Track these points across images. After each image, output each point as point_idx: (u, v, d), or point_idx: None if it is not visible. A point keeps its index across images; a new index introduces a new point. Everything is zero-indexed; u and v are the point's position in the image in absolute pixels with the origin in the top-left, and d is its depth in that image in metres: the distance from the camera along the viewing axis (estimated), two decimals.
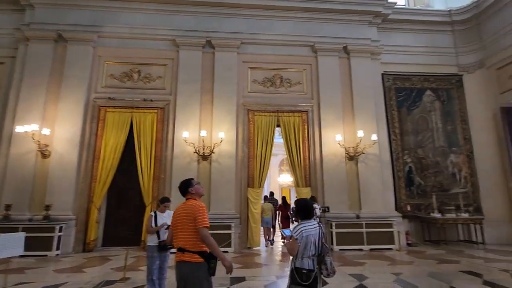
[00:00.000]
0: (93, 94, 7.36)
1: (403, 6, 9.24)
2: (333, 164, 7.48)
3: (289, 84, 7.98)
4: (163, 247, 3.48)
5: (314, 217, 6.89)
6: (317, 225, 2.48)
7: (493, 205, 7.81)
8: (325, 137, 7.63)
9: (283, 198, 8.89)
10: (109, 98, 7.35)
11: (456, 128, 8.38)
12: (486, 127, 8.24)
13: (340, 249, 6.74)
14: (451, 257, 6.03)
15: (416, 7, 9.09)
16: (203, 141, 7.14)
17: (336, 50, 8.10)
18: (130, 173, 7.16)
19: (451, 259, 5.80)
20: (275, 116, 7.72)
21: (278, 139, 8.67)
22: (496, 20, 8.08)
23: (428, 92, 8.54)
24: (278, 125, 7.77)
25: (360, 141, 7.38)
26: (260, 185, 7.42)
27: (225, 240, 6.60)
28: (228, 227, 6.71)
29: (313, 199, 7.00)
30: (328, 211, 7.02)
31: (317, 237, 2.41)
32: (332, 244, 6.84)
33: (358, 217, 7.19)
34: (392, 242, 6.86)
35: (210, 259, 2.26)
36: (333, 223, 6.89)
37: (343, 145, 7.50)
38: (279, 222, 8.49)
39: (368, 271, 4.91)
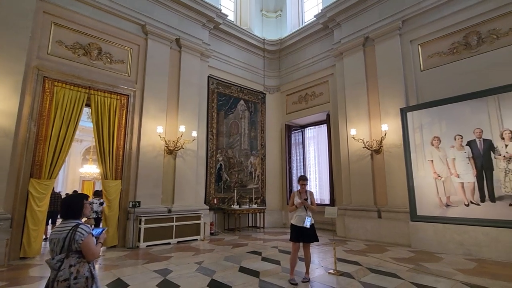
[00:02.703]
0: None
1: (232, 21, 10.36)
2: (151, 156, 7.08)
3: (109, 60, 6.82)
4: None
5: (91, 213, 6.25)
6: (70, 229, 1.96)
7: (272, 197, 10.18)
8: (145, 127, 7.11)
9: (96, 192, 7.58)
10: None
11: (257, 135, 10.28)
12: (275, 137, 10.67)
13: (147, 246, 6.43)
14: (242, 241, 7.22)
15: (241, 27, 10.42)
16: None
17: (169, 40, 7.82)
18: None
19: (242, 243, 6.94)
20: (85, 93, 6.33)
21: (87, 123, 7.21)
22: (289, 58, 10.69)
23: (242, 102, 9.98)
24: (88, 105, 6.45)
25: (181, 136, 7.45)
26: (51, 176, 5.80)
27: None
28: None
29: (97, 193, 6.38)
30: (138, 206, 6.55)
31: (61, 243, 1.94)
32: (139, 241, 6.42)
33: (170, 211, 7.18)
34: (198, 233, 7.35)
35: None
36: (143, 219, 6.48)
37: (164, 138, 7.30)
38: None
39: (173, 264, 4.93)
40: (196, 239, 7.26)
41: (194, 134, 7.81)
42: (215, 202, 8.66)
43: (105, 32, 6.79)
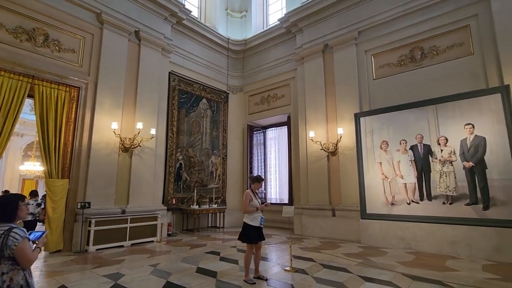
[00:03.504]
0: None
1: (196, 17, 10.15)
2: (103, 154, 6.65)
3: (57, 48, 6.27)
4: None
5: (28, 215, 5.90)
6: (1, 233, 1.82)
7: (232, 197, 10.19)
8: (98, 122, 6.65)
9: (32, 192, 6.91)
10: None
11: (219, 134, 10.21)
12: (238, 137, 10.70)
13: (97, 249, 6.03)
14: (200, 241, 7.12)
15: (206, 24, 10.25)
16: None
17: (127, 31, 7.42)
18: None
19: (200, 243, 6.84)
20: (27, 82, 5.73)
21: (30, 115, 6.53)
22: (253, 59, 10.80)
23: (204, 101, 9.83)
24: (31, 96, 5.85)
25: (138, 133, 7.12)
26: None
27: None
28: None
29: (33, 194, 6.00)
30: (88, 207, 6.11)
31: None
32: (88, 244, 5.99)
33: (124, 212, 6.81)
34: (155, 235, 7.08)
35: None
36: (93, 221, 6.06)
37: (119, 134, 6.91)
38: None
39: (126, 268, 4.70)
40: (152, 241, 6.99)
41: (153, 131, 7.51)
42: (174, 202, 8.41)
43: (53, 17, 6.21)
